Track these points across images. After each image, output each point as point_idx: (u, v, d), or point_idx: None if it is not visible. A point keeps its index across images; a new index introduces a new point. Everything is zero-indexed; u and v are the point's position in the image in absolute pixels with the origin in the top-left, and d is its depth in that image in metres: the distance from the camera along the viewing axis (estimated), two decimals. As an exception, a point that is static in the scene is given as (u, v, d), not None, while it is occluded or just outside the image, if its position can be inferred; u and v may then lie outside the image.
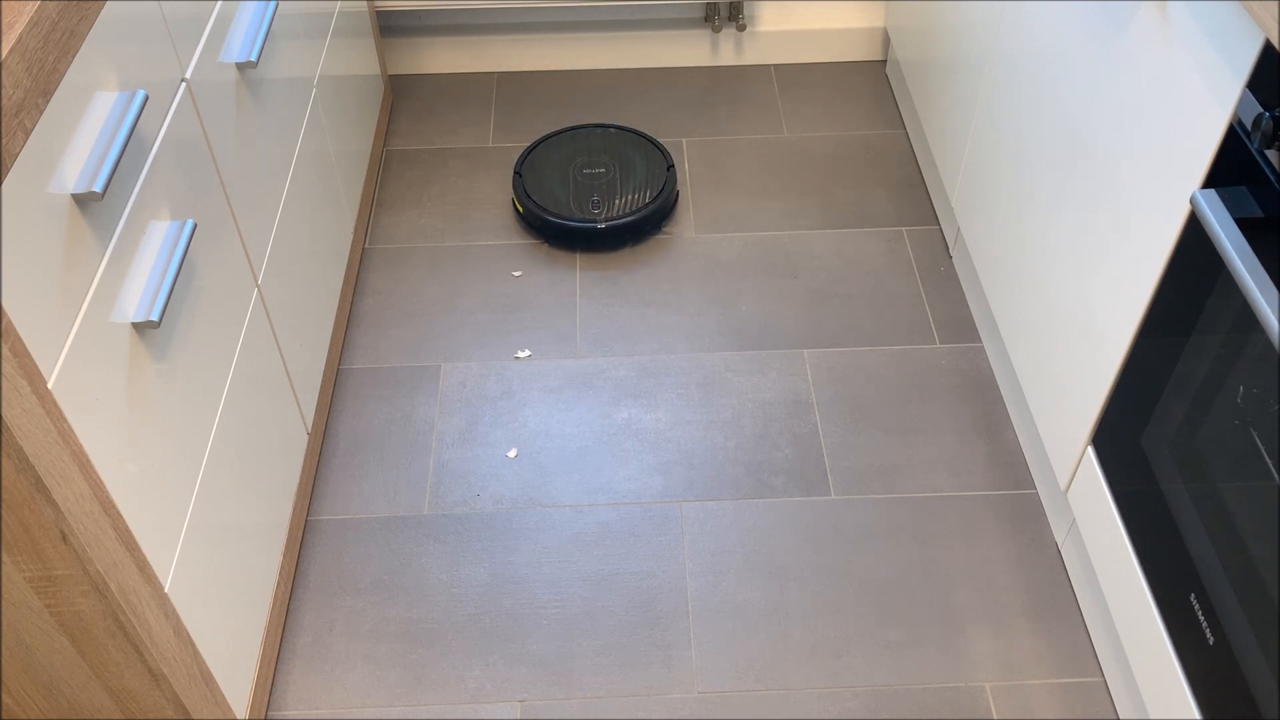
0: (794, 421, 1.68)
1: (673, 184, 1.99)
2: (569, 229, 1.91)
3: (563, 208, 1.93)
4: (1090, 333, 1.32)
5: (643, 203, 1.94)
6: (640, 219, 1.92)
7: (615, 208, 1.93)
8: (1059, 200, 1.39)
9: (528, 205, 1.94)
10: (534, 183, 1.98)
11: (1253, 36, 0.99)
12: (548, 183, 1.98)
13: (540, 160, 2.03)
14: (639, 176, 1.99)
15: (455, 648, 1.44)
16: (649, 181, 1.98)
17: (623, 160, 2.02)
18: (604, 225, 1.90)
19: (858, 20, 2.32)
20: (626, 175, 1.99)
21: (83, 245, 0.92)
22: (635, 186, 1.97)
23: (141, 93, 0.99)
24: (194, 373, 1.15)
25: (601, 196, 1.95)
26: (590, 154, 2.03)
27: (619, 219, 1.91)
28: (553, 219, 1.91)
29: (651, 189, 1.97)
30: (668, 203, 1.97)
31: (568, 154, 2.04)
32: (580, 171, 1.99)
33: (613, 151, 2.04)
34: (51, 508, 0.87)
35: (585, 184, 1.97)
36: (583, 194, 1.96)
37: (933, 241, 1.96)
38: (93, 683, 1.06)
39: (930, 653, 1.42)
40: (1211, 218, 0.99)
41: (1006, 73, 1.56)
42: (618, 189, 1.96)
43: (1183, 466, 1.12)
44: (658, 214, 1.95)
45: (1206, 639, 1.09)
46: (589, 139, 2.07)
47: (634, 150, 2.04)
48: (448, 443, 1.66)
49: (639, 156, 2.03)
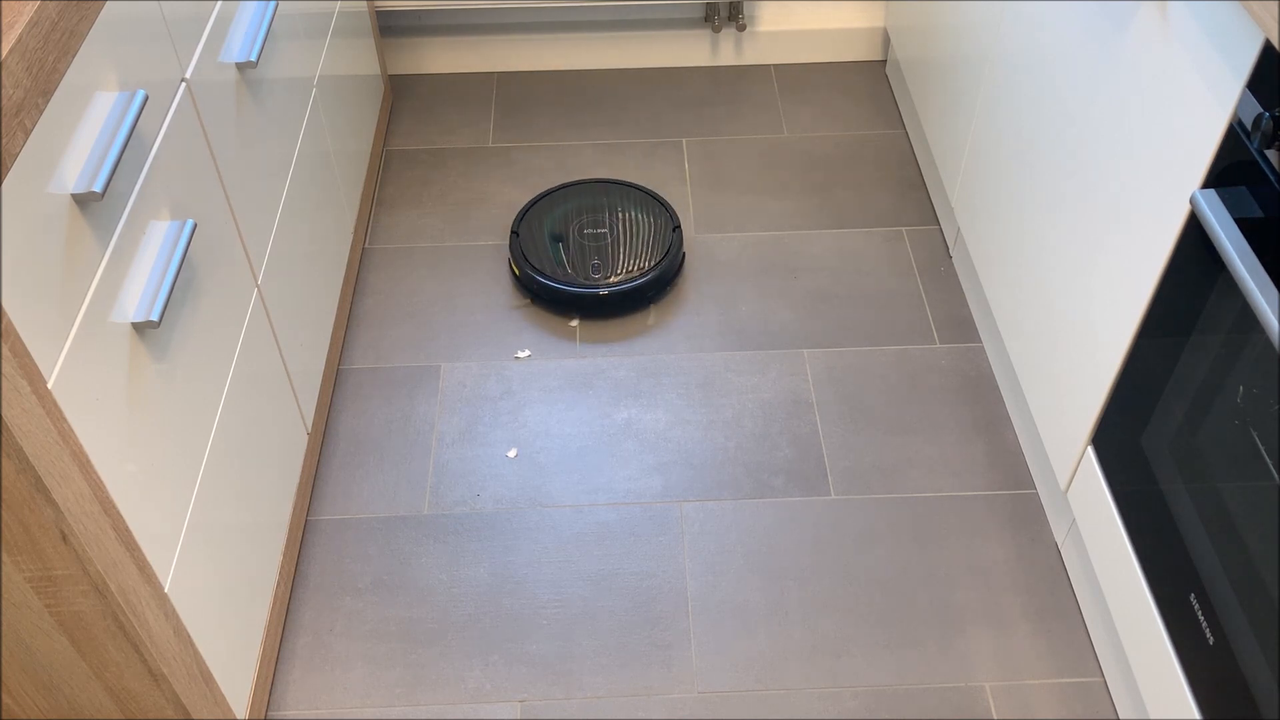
0: (794, 421, 1.68)
1: (679, 245, 1.88)
2: (568, 295, 1.80)
3: (561, 272, 1.82)
4: (1090, 333, 1.32)
5: (647, 266, 1.83)
6: (644, 284, 1.82)
7: (618, 272, 1.82)
8: (1059, 200, 1.39)
9: (524, 269, 1.84)
10: (531, 244, 1.88)
11: (1253, 36, 0.99)
12: (546, 244, 1.88)
13: (538, 219, 1.92)
14: (643, 237, 1.88)
15: (455, 648, 1.44)
16: (654, 243, 1.87)
17: (626, 219, 1.91)
18: (605, 291, 1.80)
19: (858, 20, 2.32)
20: (630, 236, 1.89)
21: (83, 245, 0.92)
22: (639, 248, 1.86)
23: (141, 93, 0.99)
24: (194, 373, 1.15)
25: (603, 260, 1.84)
26: (592, 212, 1.93)
27: (621, 284, 1.81)
28: (550, 284, 1.81)
29: (656, 251, 1.86)
30: (673, 265, 1.86)
31: (567, 212, 1.93)
32: (581, 232, 1.89)
33: (616, 209, 1.93)
34: (51, 508, 0.87)
35: (586, 246, 1.87)
36: (583, 256, 1.85)
37: (933, 241, 1.96)
38: (93, 683, 1.06)
39: (930, 653, 1.42)
40: (1211, 218, 0.99)
41: (1006, 73, 1.56)
42: (621, 251, 1.86)
43: (1183, 466, 1.12)
44: (663, 278, 1.84)
45: (1206, 639, 1.09)
46: (591, 196, 1.96)
47: (638, 208, 1.93)
48: (448, 443, 1.66)
49: (643, 215, 1.92)
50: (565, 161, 2.12)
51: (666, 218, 1.92)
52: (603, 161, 2.12)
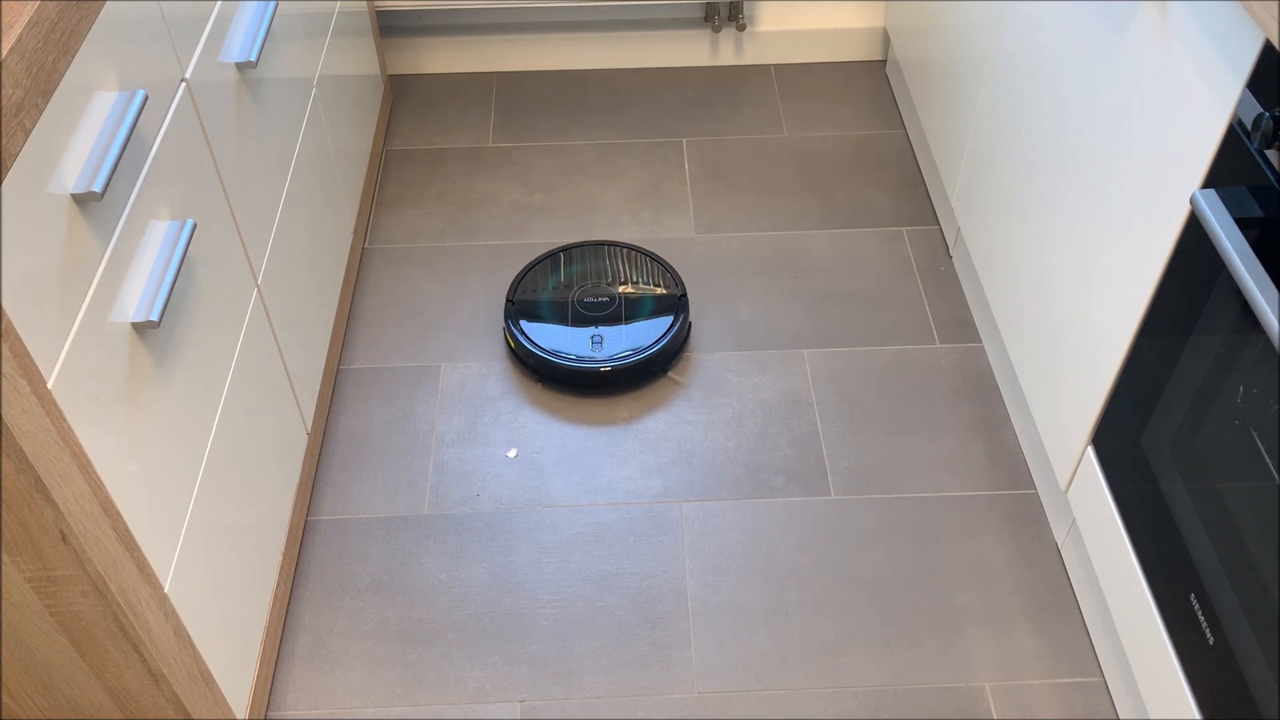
0: (794, 421, 1.68)
1: (685, 315, 1.77)
2: (567, 371, 1.69)
3: (560, 344, 1.71)
4: (1090, 333, 1.32)
5: (651, 340, 1.72)
6: (648, 359, 1.70)
7: (620, 345, 1.71)
8: (1059, 200, 1.39)
9: (520, 342, 1.72)
10: (528, 313, 1.76)
11: (1253, 36, 0.99)
12: (543, 314, 1.76)
13: (535, 285, 1.81)
14: (647, 306, 1.77)
15: (455, 648, 1.44)
16: (659, 313, 1.76)
17: (629, 286, 1.80)
18: (608, 368, 1.69)
19: (858, 20, 2.32)
20: (633, 305, 1.77)
21: (83, 245, 0.92)
22: (643, 319, 1.75)
23: (141, 93, 0.99)
24: (194, 373, 1.15)
25: (604, 331, 1.73)
26: (593, 278, 1.81)
27: (624, 360, 1.69)
28: (548, 358, 1.69)
29: (661, 322, 1.74)
30: (680, 337, 1.75)
31: (567, 278, 1.82)
32: (581, 300, 1.77)
33: (618, 275, 1.82)
34: (51, 508, 0.87)
35: (586, 316, 1.75)
36: (582, 328, 1.74)
37: (933, 241, 1.96)
38: (93, 683, 1.06)
39: (930, 653, 1.42)
40: (1211, 218, 0.99)
41: (1006, 73, 1.56)
42: (623, 322, 1.75)
43: (1183, 466, 1.12)
44: (668, 351, 1.73)
45: (1206, 639, 1.09)
46: (592, 259, 1.85)
47: (642, 274, 1.82)
48: (448, 443, 1.66)
49: (647, 281, 1.81)
50: (566, 161, 2.12)
51: (672, 283, 1.81)
52: (603, 161, 2.12)
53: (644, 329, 1.73)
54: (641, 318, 1.75)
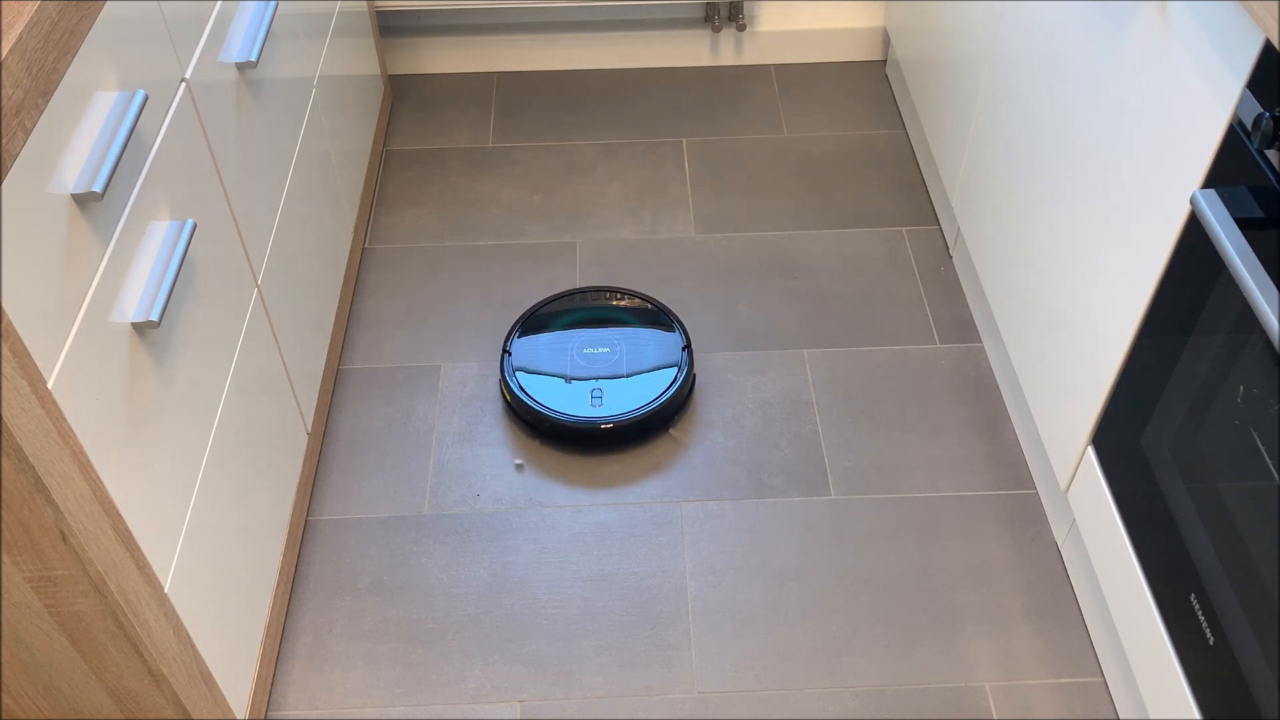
0: (794, 421, 1.68)
1: (689, 368, 1.69)
2: (566, 428, 1.62)
3: (558, 400, 1.64)
4: (1090, 333, 1.32)
5: (653, 395, 1.64)
6: (650, 415, 1.63)
7: (621, 401, 1.63)
8: (1059, 200, 1.39)
9: (516, 396, 1.65)
10: (525, 365, 1.69)
11: (1253, 36, 0.99)
12: (541, 366, 1.68)
13: (533, 335, 1.73)
14: (650, 358, 1.69)
15: (455, 648, 1.44)
16: (661, 366, 1.68)
17: (631, 337, 1.71)
18: (609, 425, 1.61)
19: (858, 20, 2.32)
20: (635, 357, 1.69)
21: (83, 245, 0.92)
22: (646, 372, 1.67)
23: (141, 93, 0.99)
24: (194, 373, 1.15)
25: (604, 385, 1.65)
26: (593, 327, 1.73)
27: (625, 416, 1.62)
28: (545, 414, 1.62)
29: (664, 376, 1.67)
30: (683, 392, 1.67)
31: (565, 328, 1.74)
32: (580, 352, 1.69)
33: (619, 325, 1.74)
34: (51, 508, 0.87)
35: (586, 368, 1.67)
36: (582, 381, 1.66)
37: (933, 241, 1.96)
38: (93, 683, 1.06)
39: (930, 653, 1.42)
40: (1211, 218, 0.99)
41: (1006, 73, 1.56)
42: (624, 375, 1.67)
43: (1183, 466, 1.12)
44: (670, 407, 1.65)
45: (1206, 639, 1.09)
46: (592, 308, 1.77)
47: (644, 324, 1.74)
48: (448, 443, 1.66)
49: (650, 332, 1.72)
50: (566, 161, 2.12)
51: (676, 334, 1.73)
52: (603, 161, 2.12)
53: (646, 382, 1.66)
54: (643, 370, 1.67)
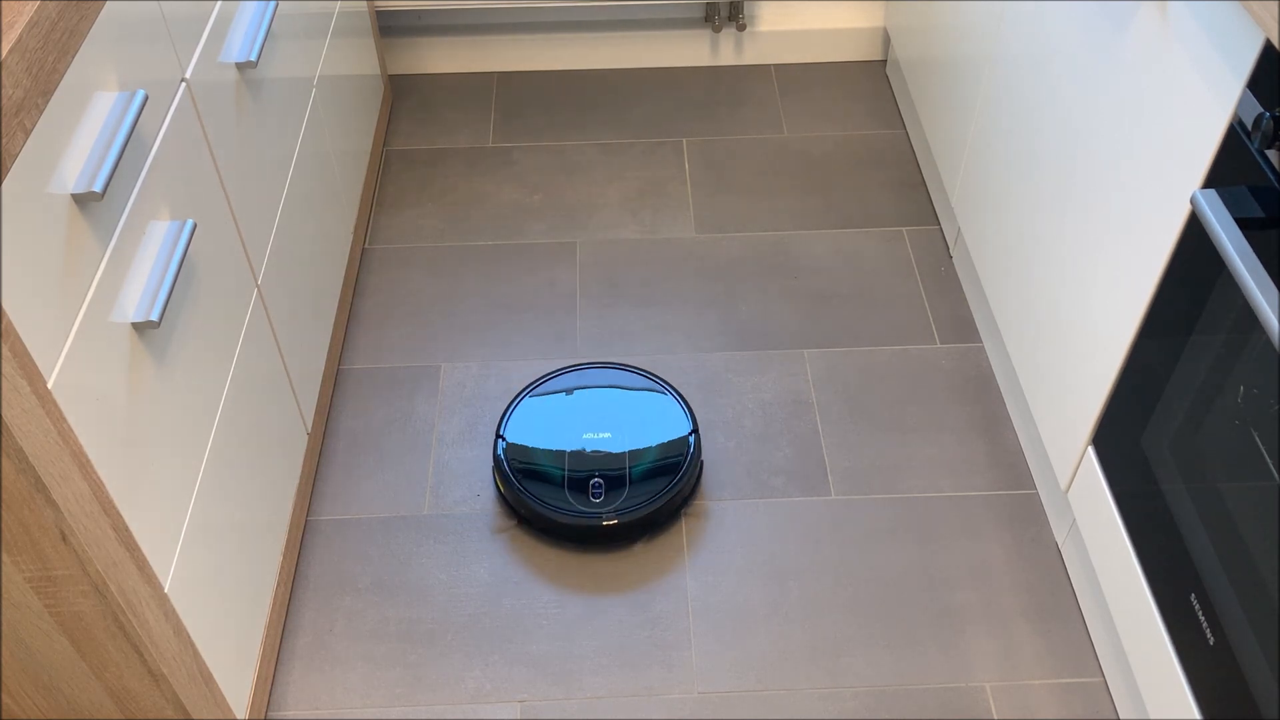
0: (794, 421, 1.68)
1: (697, 454, 1.56)
2: (564, 525, 1.49)
3: (555, 493, 1.51)
4: (1090, 333, 1.32)
5: (658, 489, 1.51)
6: (656, 510, 1.50)
7: (623, 494, 1.50)
8: (1059, 200, 1.39)
9: (511, 487, 1.52)
10: (520, 453, 1.55)
11: (1253, 36, 0.99)
12: (537, 454, 1.55)
13: (528, 418, 1.60)
14: (654, 442, 1.56)
15: (455, 648, 1.44)
16: (667, 452, 1.55)
17: (633, 418, 1.59)
18: (611, 521, 1.49)
19: (858, 20, 2.32)
20: (637, 440, 1.56)
21: (83, 245, 0.92)
22: (650, 458, 1.54)
23: (141, 93, 0.99)
24: (194, 373, 1.15)
25: (605, 476, 1.52)
26: (594, 409, 1.60)
27: (629, 510, 1.49)
28: (542, 510, 1.49)
29: (670, 465, 1.54)
30: (690, 482, 1.54)
31: (564, 409, 1.60)
32: (578, 435, 1.56)
33: (621, 405, 1.61)
34: (51, 508, 0.87)
35: (585, 457, 1.54)
36: (581, 471, 1.53)
37: (933, 241, 1.96)
38: (92, 683, 1.06)
39: (930, 653, 1.42)
40: (1211, 218, 0.99)
41: (1006, 73, 1.56)
42: (626, 463, 1.54)
43: (1183, 466, 1.12)
44: (676, 501, 1.53)
45: (1206, 639, 1.09)
46: (593, 386, 1.64)
47: (647, 402, 1.61)
48: (448, 443, 1.66)
49: (653, 412, 1.60)
50: (566, 161, 2.12)
51: (682, 417, 1.60)
52: (603, 161, 2.12)
53: (650, 473, 1.53)
54: (647, 460, 1.54)
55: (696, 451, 1.56)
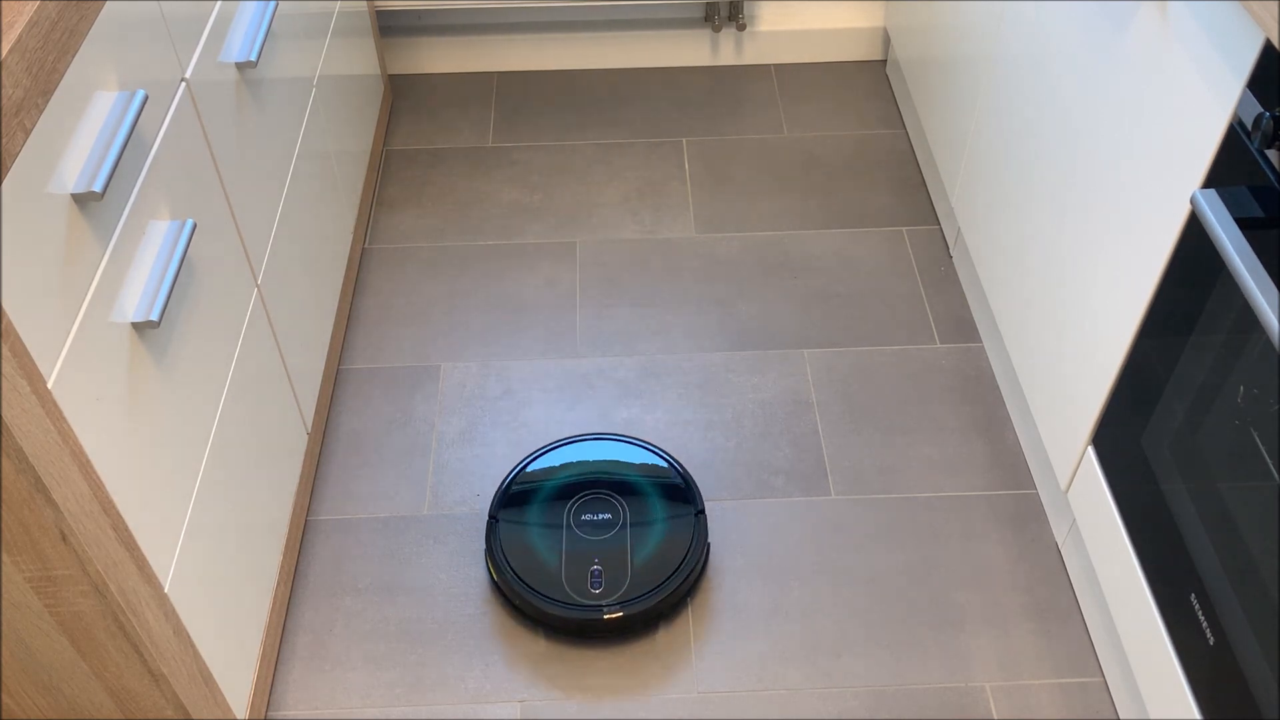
0: (794, 421, 1.68)
1: (703, 535, 1.47)
2: (561, 617, 1.40)
3: (551, 581, 1.42)
4: (1090, 333, 1.32)
5: (662, 575, 1.42)
6: (660, 601, 1.41)
7: (624, 580, 1.42)
8: (1059, 200, 1.39)
9: (504, 573, 1.43)
10: (514, 537, 1.46)
11: (1253, 36, 0.99)
12: (532, 538, 1.46)
13: (523, 496, 1.51)
14: (657, 525, 1.47)
15: (455, 648, 1.44)
16: (671, 535, 1.46)
17: (635, 497, 1.50)
18: (612, 614, 1.40)
19: (858, 20, 2.32)
20: (640, 523, 1.47)
21: (83, 245, 0.92)
22: (652, 542, 1.45)
23: (141, 93, 0.99)
24: (194, 373, 1.15)
25: (605, 562, 1.43)
26: (594, 488, 1.51)
27: (631, 603, 1.40)
28: (537, 599, 1.41)
29: (676, 550, 1.45)
30: (696, 567, 1.46)
31: (561, 488, 1.51)
32: (578, 518, 1.48)
33: (622, 482, 1.52)
34: (51, 508, 0.87)
35: (583, 540, 1.45)
36: (580, 557, 1.44)
37: (933, 241, 1.96)
38: (93, 683, 1.06)
39: (930, 653, 1.42)
40: (1211, 218, 0.99)
41: (1006, 73, 1.56)
42: (628, 547, 1.45)
43: (1183, 466, 1.12)
44: (683, 589, 1.44)
45: (1206, 639, 1.09)
46: (593, 462, 1.55)
47: (649, 479, 1.52)
48: (448, 443, 1.66)
49: (656, 490, 1.51)
50: (566, 161, 2.12)
51: (687, 496, 1.51)
52: (603, 161, 2.12)
53: (653, 556, 1.45)
54: (650, 542, 1.46)
55: (702, 533, 1.48)
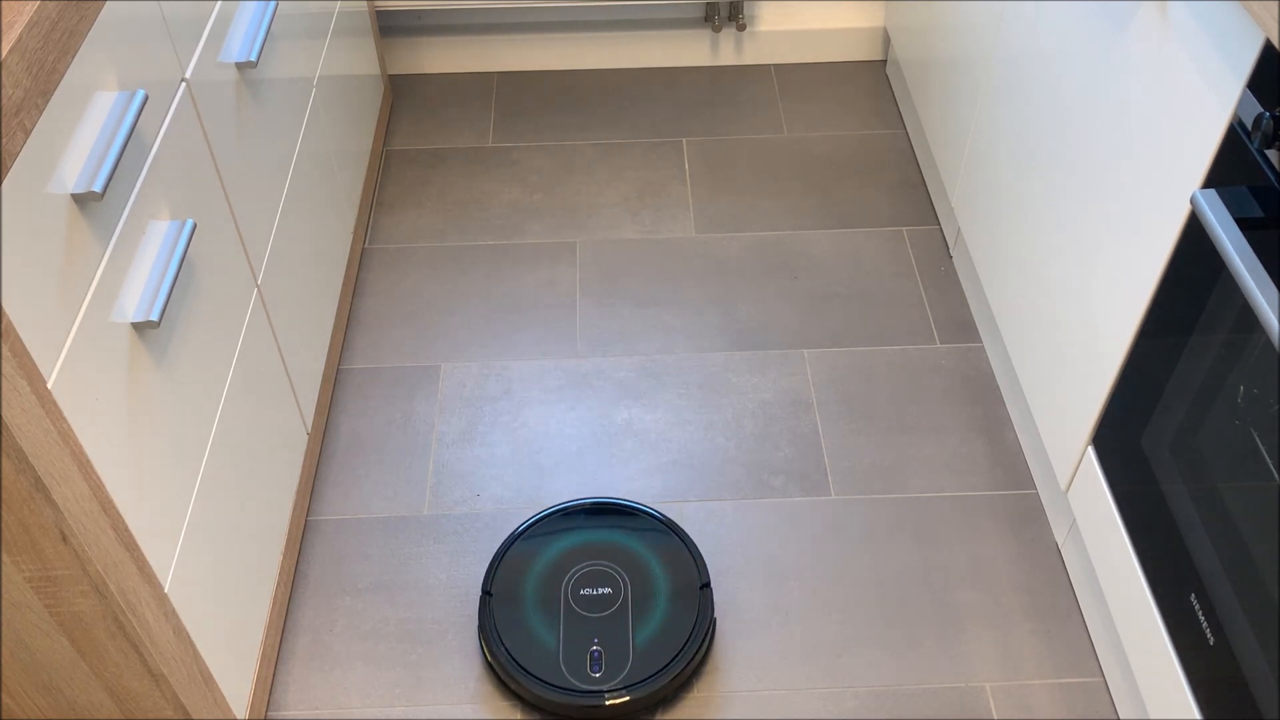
0: (794, 421, 1.68)
1: (708, 611, 1.39)
2: (559, 704, 1.32)
3: (549, 663, 1.34)
4: (1090, 333, 1.32)
5: (665, 658, 1.34)
6: (664, 686, 1.33)
7: (625, 663, 1.34)
8: (1059, 200, 1.39)
9: (497, 654, 1.36)
10: (508, 614, 1.38)
11: (1253, 36, 0.99)
12: (528, 615, 1.38)
13: (518, 570, 1.43)
14: (661, 600, 1.39)
15: (455, 648, 1.44)
16: (675, 611, 1.38)
17: (635, 570, 1.42)
18: (615, 699, 1.32)
19: (858, 20, 2.32)
20: (642, 599, 1.40)
21: (83, 245, 0.92)
22: (655, 619, 1.37)
23: (141, 93, 0.99)
24: (194, 373, 1.15)
25: (606, 642, 1.35)
26: (593, 559, 1.43)
27: (633, 687, 1.32)
28: (535, 684, 1.33)
29: (680, 628, 1.37)
30: (702, 646, 1.36)
31: (557, 560, 1.43)
32: (575, 593, 1.40)
33: (626, 555, 1.44)
34: (51, 508, 0.87)
35: (582, 617, 1.38)
36: (578, 635, 1.36)
37: (933, 241, 1.96)
38: (93, 683, 1.06)
39: (930, 653, 1.42)
40: (1211, 218, 0.99)
41: (1006, 73, 1.56)
42: (629, 625, 1.37)
43: (1183, 466, 1.12)
44: (688, 671, 1.36)
45: (1206, 639, 1.09)
46: (593, 530, 1.47)
47: (650, 549, 1.44)
48: (448, 443, 1.66)
49: (658, 562, 1.43)
50: (566, 161, 2.12)
51: (692, 569, 1.43)
52: (602, 161, 2.12)
53: (656, 636, 1.36)
54: (653, 620, 1.38)
55: (708, 608, 1.39)
